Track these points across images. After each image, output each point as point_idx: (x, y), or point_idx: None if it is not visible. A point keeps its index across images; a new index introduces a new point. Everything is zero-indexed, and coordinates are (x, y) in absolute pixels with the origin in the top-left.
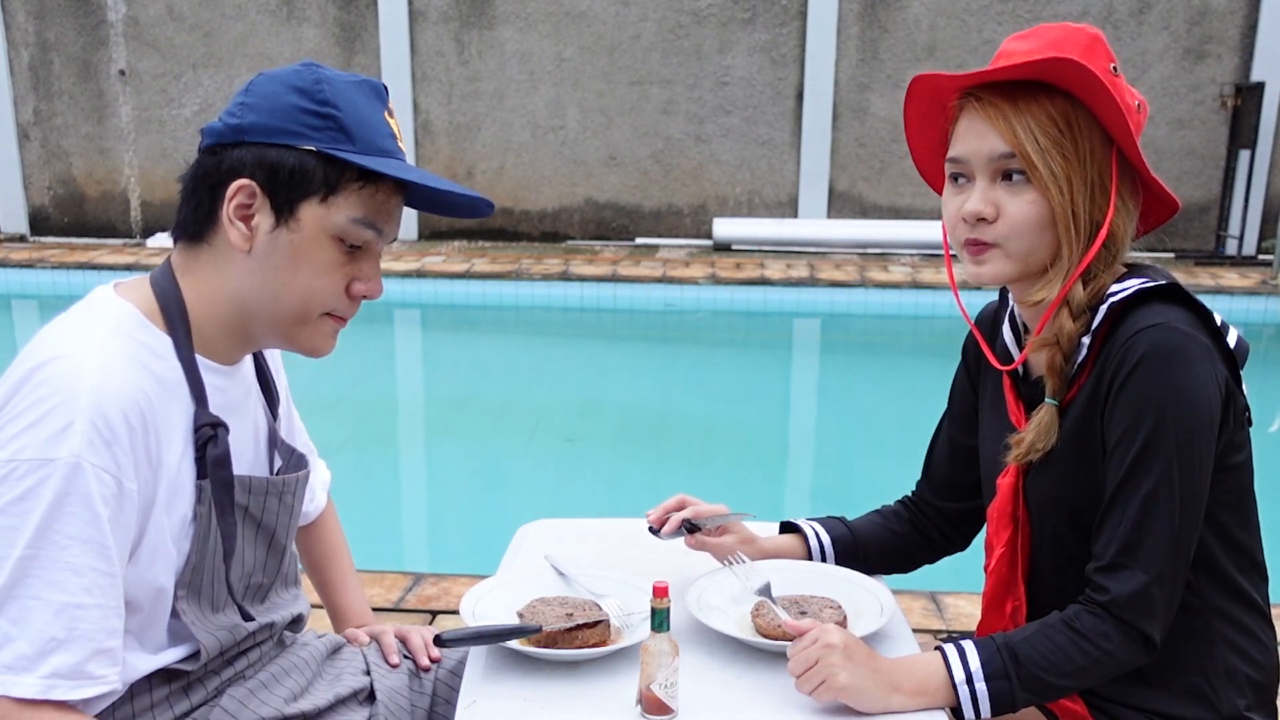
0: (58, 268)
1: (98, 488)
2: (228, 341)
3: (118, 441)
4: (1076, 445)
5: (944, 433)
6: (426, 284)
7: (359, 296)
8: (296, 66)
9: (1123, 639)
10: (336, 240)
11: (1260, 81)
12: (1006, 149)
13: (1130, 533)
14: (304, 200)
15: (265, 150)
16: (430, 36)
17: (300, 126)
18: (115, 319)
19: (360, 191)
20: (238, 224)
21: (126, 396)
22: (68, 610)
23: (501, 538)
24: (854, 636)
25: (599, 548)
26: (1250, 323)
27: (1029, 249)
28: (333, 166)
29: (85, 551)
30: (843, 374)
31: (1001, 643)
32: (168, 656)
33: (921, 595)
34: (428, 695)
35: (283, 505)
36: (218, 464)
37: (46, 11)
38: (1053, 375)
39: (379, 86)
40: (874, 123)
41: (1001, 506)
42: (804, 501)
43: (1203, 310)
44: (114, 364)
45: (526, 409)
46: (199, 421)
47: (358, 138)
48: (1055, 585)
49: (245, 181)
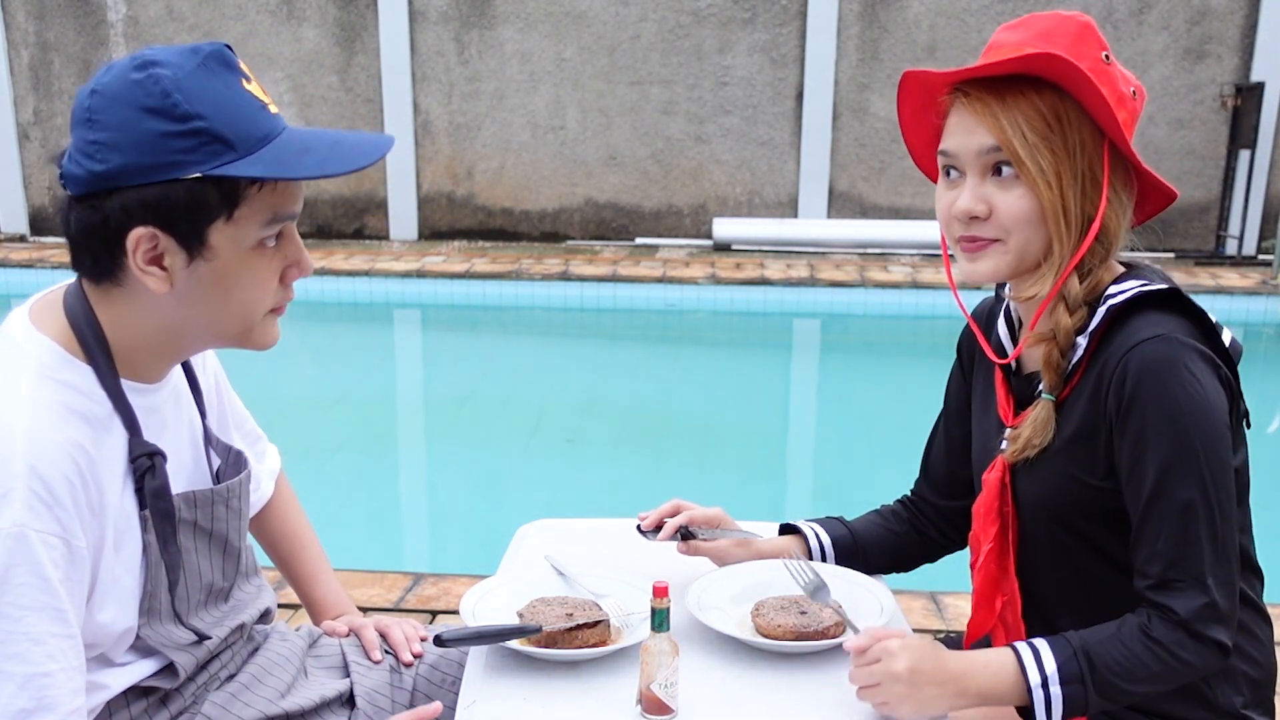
0: (58, 268)
1: (45, 553)
2: (153, 363)
3: (59, 503)
4: (1070, 446)
5: (940, 431)
6: (426, 284)
7: (291, 282)
8: (131, 75)
9: (1198, 647)
10: (258, 249)
11: (1260, 81)
12: (994, 143)
13: (1175, 546)
14: (209, 227)
15: (146, 190)
16: (430, 36)
17: (173, 155)
18: (35, 359)
19: (260, 193)
20: (151, 270)
21: (62, 453)
22: (34, 680)
23: (501, 538)
24: (920, 649)
25: (599, 548)
26: (1250, 323)
27: (1023, 244)
28: (225, 185)
29: (41, 619)
30: (843, 374)
31: (1079, 646)
32: (141, 670)
33: (921, 595)
34: (408, 691)
35: (230, 510)
36: (157, 496)
37: (46, 11)
38: (1049, 371)
39: (223, 53)
40: (874, 123)
41: (989, 503)
42: (803, 501)
43: (1200, 316)
44: (43, 420)
45: (526, 409)
46: (134, 453)
47: (235, 140)
48: (1052, 580)
49: (142, 230)
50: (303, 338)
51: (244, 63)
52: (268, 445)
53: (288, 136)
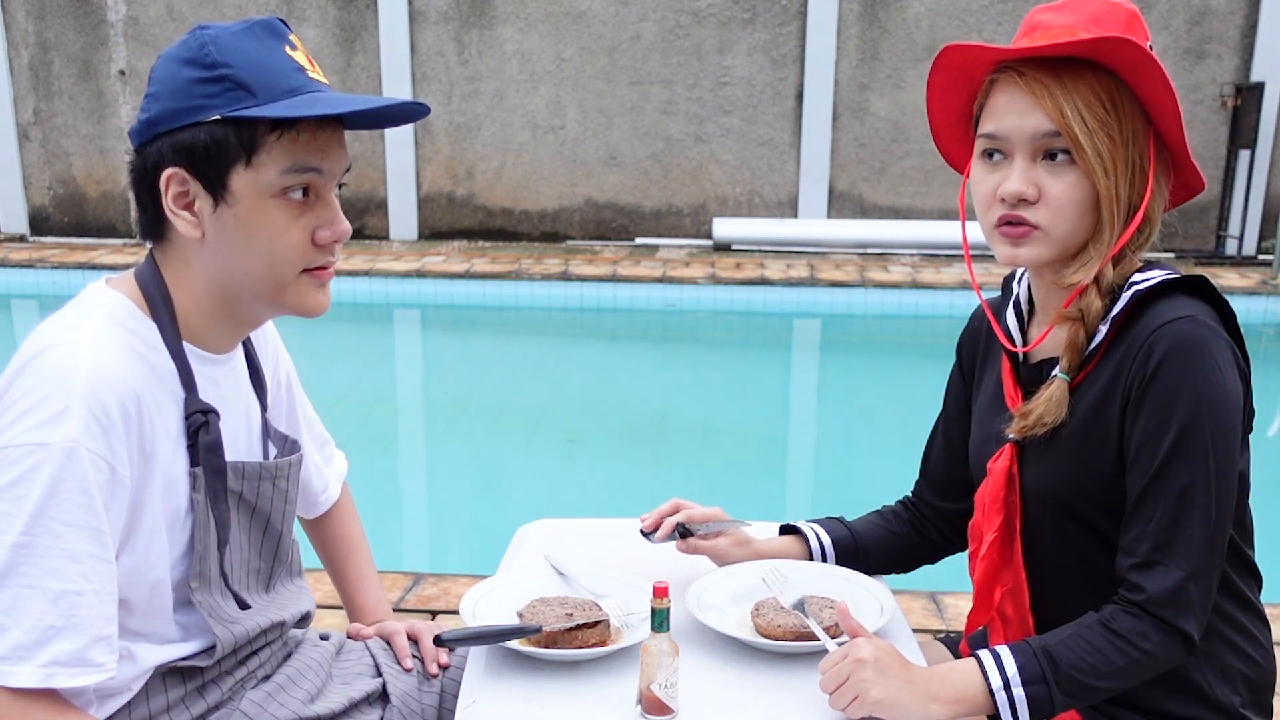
0: (58, 268)
1: (93, 473)
2: (216, 329)
3: (113, 428)
4: (1084, 431)
5: (940, 432)
6: (426, 284)
7: (326, 243)
8: (185, 36)
9: (1162, 638)
10: (279, 198)
11: (1260, 81)
12: (1052, 128)
13: (1165, 528)
14: (230, 171)
15: (178, 135)
16: (430, 36)
17: (199, 99)
18: (108, 309)
19: (280, 141)
20: (182, 214)
21: (122, 383)
22: (65, 597)
23: (501, 538)
24: (886, 646)
25: (599, 548)
26: (1250, 323)
27: (1069, 232)
28: (242, 127)
29: (81, 537)
30: (843, 374)
31: (1038, 647)
32: (178, 650)
33: (921, 595)
34: (436, 694)
35: (276, 490)
36: (210, 450)
37: (46, 11)
38: (1071, 351)
39: (273, 23)
40: (874, 123)
41: (994, 491)
42: (804, 501)
43: (1226, 307)
44: (109, 351)
45: (526, 409)
46: (189, 409)
47: (258, 88)
48: (1058, 571)
49: (171, 171)
50: (303, 338)
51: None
52: (335, 450)
53: (317, 94)
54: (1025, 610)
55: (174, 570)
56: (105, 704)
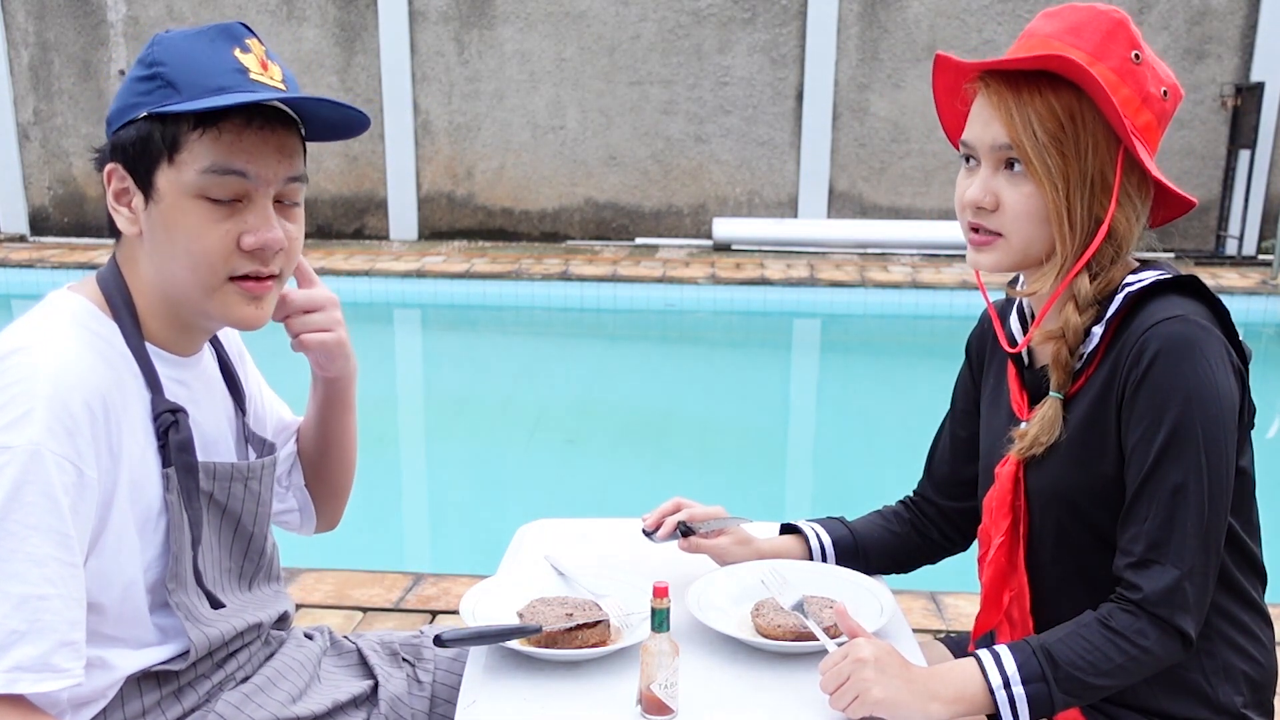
0: (58, 268)
1: (58, 475)
2: (173, 330)
3: (78, 429)
4: (1083, 436)
5: (946, 431)
6: (426, 284)
7: (251, 249)
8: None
9: (1159, 636)
10: (200, 199)
11: (1260, 81)
12: (1006, 140)
13: (1159, 528)
14: (155, 169)
15: (119, 132)
16: (430, 36)
17: (136, 97)
18: (70, 311)
19: (201, 140)
20: (121, 210)
21: (86, 384)
22: (29, 602)
23: (501, 538)
24: (886, 645)
25: (599, 548)
26: (1250, 323)
27: (1027, 241)
28: (166, 125)
29: (45, 541)
30: (843, 374)
31: (1037, 645)
32: (154, 655)
33: (921, 595)
34: (427, 698)
35: (248, 491)
36: (181, 449)
37: (46, 11)
38: (1058, 369)
39: (232, 27)
40: (874, 123)
41: (1001, 496)
42: (804, 501)
43: (1220, 306)
44: (72, 353)
45: (526, 409)
46: (157, 409)
47: (183, 85)
48: (1058, 575)
49: (111, 166)
50: None
51: (260, 43)
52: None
53: (247, 93)
54: (1027, 614)
55: (148, 572)
56: (80, 711)
